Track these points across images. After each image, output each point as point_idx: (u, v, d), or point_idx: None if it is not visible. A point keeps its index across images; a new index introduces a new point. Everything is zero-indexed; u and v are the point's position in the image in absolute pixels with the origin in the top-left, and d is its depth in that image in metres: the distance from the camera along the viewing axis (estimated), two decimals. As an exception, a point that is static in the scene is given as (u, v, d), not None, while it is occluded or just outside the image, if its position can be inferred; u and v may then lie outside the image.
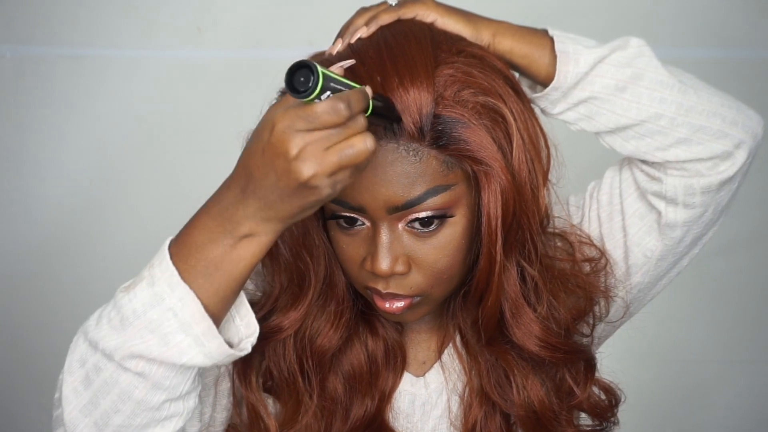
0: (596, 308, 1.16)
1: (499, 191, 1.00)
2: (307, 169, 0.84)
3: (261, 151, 0.86)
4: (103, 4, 2.15)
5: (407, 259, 1.02)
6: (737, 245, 2.21)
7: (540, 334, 1.08)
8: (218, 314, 0.92)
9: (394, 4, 1.06)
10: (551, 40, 1.08)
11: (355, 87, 0.88)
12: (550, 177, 1.08)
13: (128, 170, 2.19)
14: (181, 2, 2.16)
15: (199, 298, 0.90)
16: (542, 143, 1.05)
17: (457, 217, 1.01)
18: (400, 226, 1.01)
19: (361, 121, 0.86)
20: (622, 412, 1.19)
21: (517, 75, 1.10)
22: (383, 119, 0.94)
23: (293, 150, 0.84)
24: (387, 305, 1.04)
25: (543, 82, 1.09)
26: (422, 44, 1.01)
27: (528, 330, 1.08)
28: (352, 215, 1.01)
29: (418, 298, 1.05)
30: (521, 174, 1.02)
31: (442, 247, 1.02)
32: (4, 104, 2.17)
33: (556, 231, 1.13)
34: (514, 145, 1.01)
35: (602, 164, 1.18)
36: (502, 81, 1.02)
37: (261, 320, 0.99)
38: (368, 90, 0.89)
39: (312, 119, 0.83)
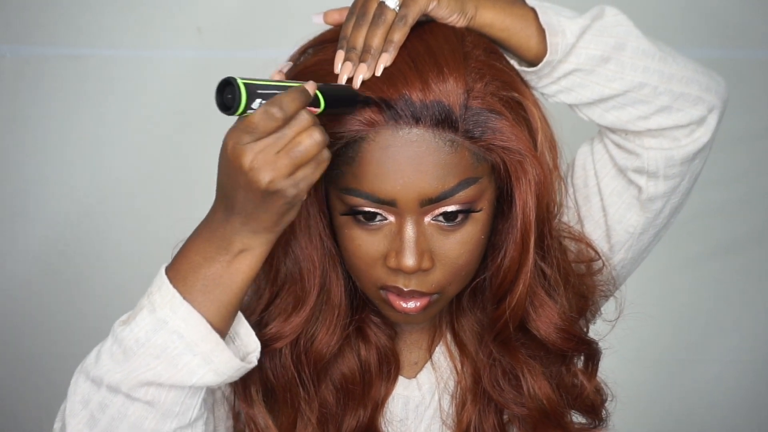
0: (593, 307, 1.15)
1: (534, 182, 1.01)
2: (263, 177, 0.87)
3: (226, 172, 0.90)
4: (103, 4, 2.14)
5: (430, 254, 1.01)
6: (737, 245, 2.21)
7: (562, 324, 1.08)
8: (221, 332, 0.93)
9: (392, 7, 0.99)
10: (533, 11, 1.05)
11: (292, 86, 0.89)
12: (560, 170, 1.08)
13: (129, 170, 2.19)
14: (181, 2, 2.16)
15: (202, 315, 0.91)
16: (554, 137, 1.06)
17: (481, 212, 1.01)
18: (426, 220, 1.00)
19: (304, 117, 0.88)
20: (620, 412, 1.19)
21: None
22: (344, 106, 0.94)
23: (246, 163, 0.87)
24: (405, 304, 1.03)
25: (523, 55, 1.06)
26: (449, 37, 1.00)
27: (550, 321, 1.08)
28: (377, 210, 1.00)
29: (436, 296, 1.04)
30: (545, 167, 1.02)
31: (465, 242, 1.01)
32: (4, 104, 2.16)
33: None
34: (539, 140, 1.02)
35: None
36: (515, 74, 1.03)
37: (256, 328, 1.00)
38: (310, 85, 0.90)
39: (252, 130, 0.87)
